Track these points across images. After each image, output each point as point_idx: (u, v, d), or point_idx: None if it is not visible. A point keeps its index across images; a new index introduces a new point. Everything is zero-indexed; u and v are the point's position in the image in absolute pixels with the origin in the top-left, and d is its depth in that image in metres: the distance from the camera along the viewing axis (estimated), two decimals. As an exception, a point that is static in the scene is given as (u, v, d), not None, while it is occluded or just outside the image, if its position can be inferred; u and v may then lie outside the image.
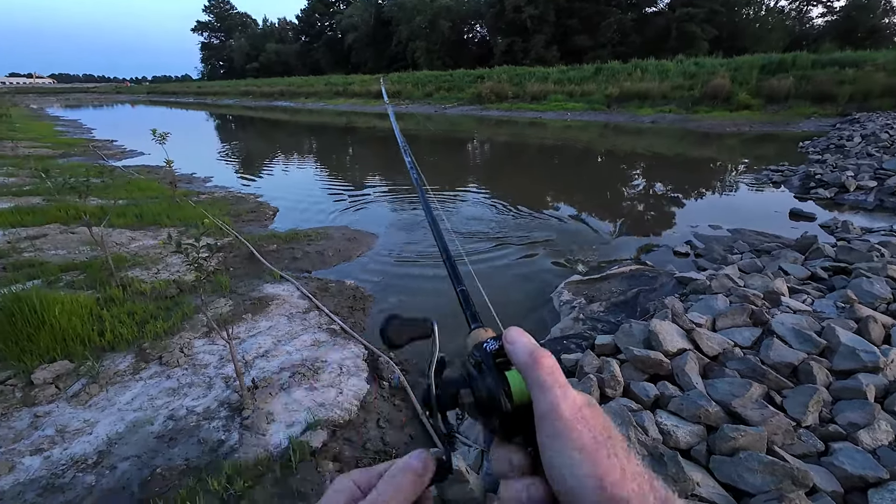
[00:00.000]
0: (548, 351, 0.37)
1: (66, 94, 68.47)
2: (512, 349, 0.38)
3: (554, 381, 0.35)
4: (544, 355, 0.36)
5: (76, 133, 17.17)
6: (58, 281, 3.75)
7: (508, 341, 0.39)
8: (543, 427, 0.34)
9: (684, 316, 2.58)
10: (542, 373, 0.35)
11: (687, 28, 33.03)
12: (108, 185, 7.24)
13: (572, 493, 0.31)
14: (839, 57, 18.73)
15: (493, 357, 0.39)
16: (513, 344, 0.38)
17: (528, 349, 0.37)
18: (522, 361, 0.37)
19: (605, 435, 0.33)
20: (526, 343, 0.38)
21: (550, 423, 0.33)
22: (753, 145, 12.64)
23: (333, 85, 38.04)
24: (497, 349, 0.40)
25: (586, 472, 0.31)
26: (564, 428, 0.32)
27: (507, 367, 0.38)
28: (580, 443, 0.32)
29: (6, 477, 1.92)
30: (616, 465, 0.31)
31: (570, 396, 0.34)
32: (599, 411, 0.35)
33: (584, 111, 21.52)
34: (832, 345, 2.24)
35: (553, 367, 0.36)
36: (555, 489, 0.33)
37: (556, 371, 0.36)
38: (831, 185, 6.83)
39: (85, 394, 2.42)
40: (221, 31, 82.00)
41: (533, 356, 0.36)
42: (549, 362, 0.36)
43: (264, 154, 12.89)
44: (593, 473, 0.31)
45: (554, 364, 0.36)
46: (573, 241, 5.11)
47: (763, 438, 1.63)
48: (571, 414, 0.33)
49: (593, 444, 0.32)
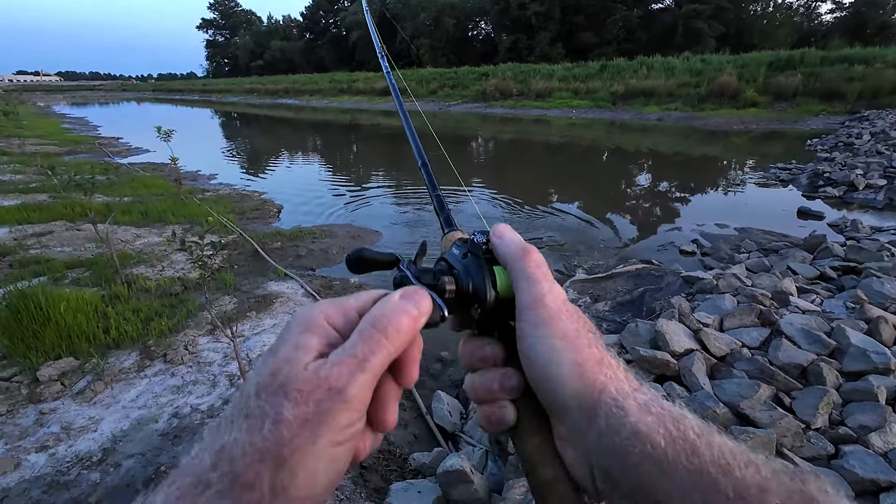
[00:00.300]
0: (535, 247, 0.37)
1: (73, 92, 68.90)
2: (500, 243, 0.37)
3: (542, 274, 0.35)
4: (534, 250, 0.36)
5: (82, 130, 17.27)
6: (63, 278, 3.77)
7: (497, 235, 0.38)
8: (528, 316, 0.33)
9: (691, 316, 2.56)
10: (530, 266, 0.35)
11: (693, 25, 32.74)
12: (114, 183, 7.27)
13: (551, 378, 0.32)
14: (848, 53, 18.50)
15: (481, 247, 0.38)
16: (501, 238, 0.38)
17: (519, 243, 0.37)
18: (511, 253, 0.36)
19: (586, 329, 0.34)
20: (515, 238, 0.38)
21: (535, 312, 0.33)
22: (760, 143, 12.53)
23: (338, 82, 38.03)
24: (485, 242, 0.38)
25: (567, 358, 0.31)
26: (549, 317, 0.33)
27: (494, 262, 0.38)
28: (563, 331, 0.32)
29: (12, 474, 1.92)
30: (594, 354, 0.32)
31: (556, 290, 0.35)
32: (578, 308, 0.36)
33: (589, 109, 21.40)
34: (842, 346, 2.21)
35: (541, 261, 0.36)
36: (531, 377, 0.33)
37: (544, 266, 0.36)
38: (840, 184, 6.75)
39: (90, 391, 2.43)
40: (226, 28, 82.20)
41: (523, 249, 0.36)
42: (538, 256, 0.36)
43: (269, 152, 12.91)
44: (574, 360, 0.31)
45: (542, 259, 0.36)
46: (578, 240, 5.08)
47: (772, 441, 1.61)
48: (556, 305, 0.33)
49: (575, 334, 0.32)
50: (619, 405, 0.29)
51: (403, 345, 0.30)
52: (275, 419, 0.25)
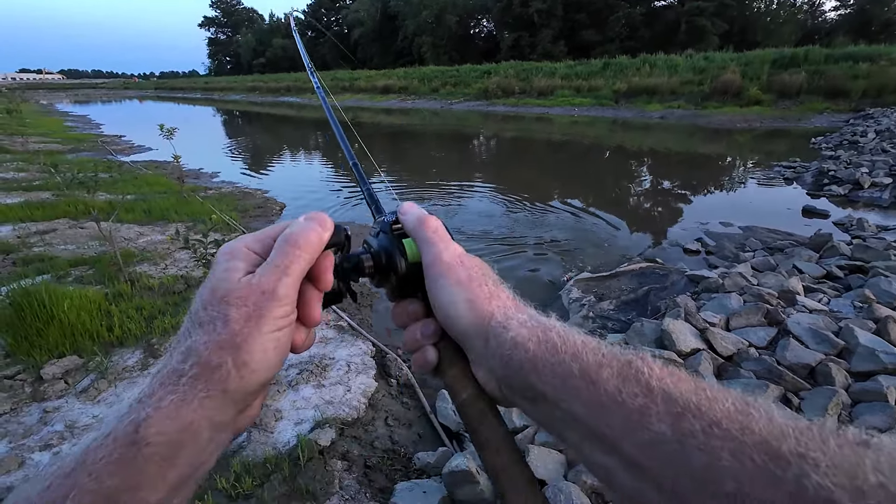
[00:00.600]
0: (434, 216, 0.43)
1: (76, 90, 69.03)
2: (404, 218, 0.44)
3: (438, 237, 0.41)
4: (430, 218, 0.43)
5: (85, 128, 17.29)
6: (67, 276, 3.76)
7: (402, 212, 0.45)
8: (430, 273, 0.40)
9: (697, 315, 2.54)
10: (427, 231, 0.42)
11: (697, 22, 32.61)
12: (117, 181, 7.28)
13: (451, 316, 0.38)
14: (853, 51, 18.39)
15: (390, 225, 0.45)
16: (405, 214, 0.44)
17: (417, 214, 0.43)
18: (412, 225, 0.43)
19: (480, 272, 0.40)
20: (416, 211, 0.44)
21: (435, 268, 0.39)
22: (764, 141, 12.47)
23: (339, 80, 38.02)
24: (394, 220, 0.45)
25: (461, 297, 0.38)
26: (445, 269, 0.39)
27: (405, 236, 0.44)
28: (457, 278, 0.39)
29: (16, 472, 1.92)
30: (485, 291, 0.38)
31: (451, 247, 0.41)
32: (477, 259, 0.42)
33: (591, 106, 21.33)
34: (850, 345, 2.19)
35: (437, 227, 0.42)
36: (440, 320, 0.40)
37: (441, 230, 0.42)
38: (845, 182, 6.71)
39: (94, 389, 2.42)
40: (228, 26, 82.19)
41: (420, 219, 0.43)
42: (434, 223, 0.42)
43: (271, 149, 12.91)
44: (466, 298, 0.37)
45: (438, 225, 0.43)
46: (581, 238, 5.06)
47: (782, 442, 1.59)
48: (451, 259, 0.40)
49: (467, 278, 0.39)
50: (503, 325, 0.35)
51: (314, 253, 0.37)
52: (224, 320, 0.33)
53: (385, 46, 48.78)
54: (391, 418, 2.32)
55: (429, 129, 17.24)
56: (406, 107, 27.15)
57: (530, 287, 3.93)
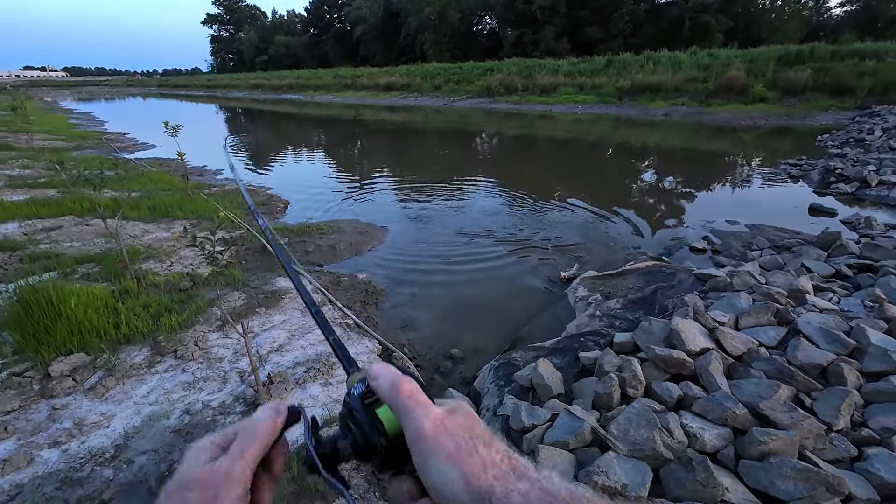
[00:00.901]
0: (408, 377, 0.40)
1: (79, 88, 69.09)
2: (376, 385, 0.40)
3: (414, 403, 0.38)
4: (403, 381, 0.39)
5: (89, 126, 17.32)
6: (73, 273, 3.77)
7: (372, 377, 0.41)
8: (416, 450, 0.36)
9: (706, 314, 2.52)
10: (403, 398, 0.38)
11: (701, 19, 32.37)
12: (122, 178, 7.28)
13: (448, 498, 0.35)
14: (859, 48, 18.22)
15: (361, 399, 0.41)
16: (376, 379, 0.41)
17: (390, 380, 0.40)
18: (386, 393, 0.39)
19: (467, 436, 0.36)
20: (387, 374, 0.40)
21: (420, 443, 0.36)
22: (769, 139, 12.40)
23: (342, 77, 37.94)
24: (365, 389, 0.41)
25: (454, 475, 0.34)
26: (430, 444, 0.36)
27: (379, 405, 0.40)
28: (445, 452, 0.35)
29: (25, 469, 1.92)
30: (477, 461, 0.35)
31: (431, 413, 0.37)
32: (462, 414, 0.38)
33: (594, 104, 21.23)
34: (862, 345, 2.17)
35: (412, 390, 0.39)
36: (436, 501, 0.36)
37: (416, 393, 0.39)
38: (852, 180, 6.66)
39: (101, 387, 2.43)
40: (231, 23, 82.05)
41: (394, 385, 0.39)
42: (408, 387, 0.39)
43: (274, 147, 12.90)
44: (459, 475, 0.34)
45: (413, 387, 0.39)
46: (586, 236, 5.04)
47: (795, 443, 1.58)
48: (433, 429, 0.36)
49: (456, 450, 0.35)
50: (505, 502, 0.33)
51: (269, 439, 0.40)
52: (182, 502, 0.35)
53: (387, 43, 48.62)
54: (399, 417, 2.31)
55: (431, 127, 17.19)
56: (409, 104, 27.09)
57: (534, 286, 3.91)
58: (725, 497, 1.48)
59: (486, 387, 2.51)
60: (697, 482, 1.49)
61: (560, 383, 2.29)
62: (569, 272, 3.96)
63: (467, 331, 3.23)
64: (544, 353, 2.68)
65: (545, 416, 2.00)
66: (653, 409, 1.88)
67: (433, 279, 4.09)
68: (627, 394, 2.06)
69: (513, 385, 2.40)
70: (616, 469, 1.60)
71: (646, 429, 1.72)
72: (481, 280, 4.06)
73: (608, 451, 1.71)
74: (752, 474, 1.55)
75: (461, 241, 4.98)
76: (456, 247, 4.83)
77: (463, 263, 4.42)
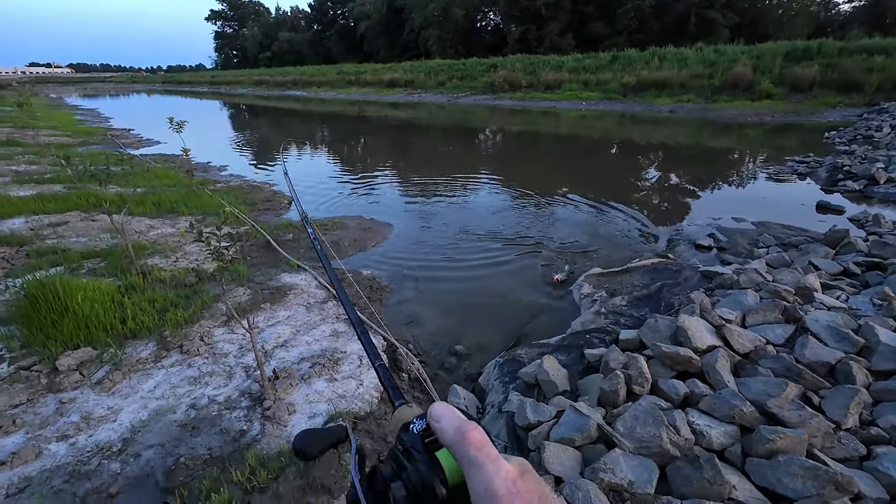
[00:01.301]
0: (475, 423, 0.36)
1: (84, 84, 69.33)
2: (438, 427, 0.37)
3: (485, 456, 0.34)
4: (472, 429, 0.35)
5: (95, 122, 17.38)
6: (80, 268, 3.79)
7: (434, 419, 0.37)
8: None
9: (713, 311, 2.50)
10: (471, 449, 0.34)
11: (707, 14, 32.07)
12: (127, 174, 7.30)
13: None
14: (867, 44, 18.01)
15: (421, 439, 0.37)
16: (438, 421, 0.37)
17: (455, 425, 0.36)
18: (450, 439, 0.35)
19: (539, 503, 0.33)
20: (452, 418, 0.37)
21: (486, 502, 0.32)
22: (776, 136, 12.30)
23: (345, 74, 37.89)
24: (424, 429, 0.38)
25: None
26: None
27: (438, 447, 0.37)
28: None
29: (33, 462, 1.94)
30: None
31: (503, 471, 0.33)
32: (533, 478, 0.35)
33: (599, 100, 21.13)
34: (871, 344, 2.15)
35: (482, 441, 0.35)
36: None
37: (486, 445, 0.35)
38: (860, 177, 6.60)
39: (108, 381, 2.44)
40: (235, 19, 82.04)
41: (461, 432, 0.35)
42: (477, 436, 0.35)
43: (278, 143, 12.90)
44: None
45: (483, 438, 0.35)
46: (591, 233, 5.03)
47: (804, 441, 1.57)
48: (506, 489, 0.32)
49: None
50: None
51: None
52: None
53: (391, 40, 48.46)
54: (404, 413, 2.31)
55: (435, 124, 17.15)
56: (412, 100, 27.03)
57: (538, 283, 3.90)
58: (733, 495, 1.47)
59: (491, 383, 2.50)
60: (704, 480, 1.48)
61: (565, 380, 2.28)
62: (560, 275, 3.86)
63: (472, 327, 3.23)
64: (549, 350, 2.67)
65: (551, 412, 1.99)
66: (659, 406, 1.87)
67: (437, 275, 4.08)
68: (633, 391, 2.05)
69: (518, 382, 2.40)
70: (622, 466, 1.60)
71: (652, 426, 1.71)
72: (486, 276, 4.05)
73: (614, 448, 1.70)
74: (760, 472, 1.54)
75: (465, 238, 4.97)
76: (460, 243, 4.83)
77: (467, 260, 4.41)
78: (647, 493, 1.52)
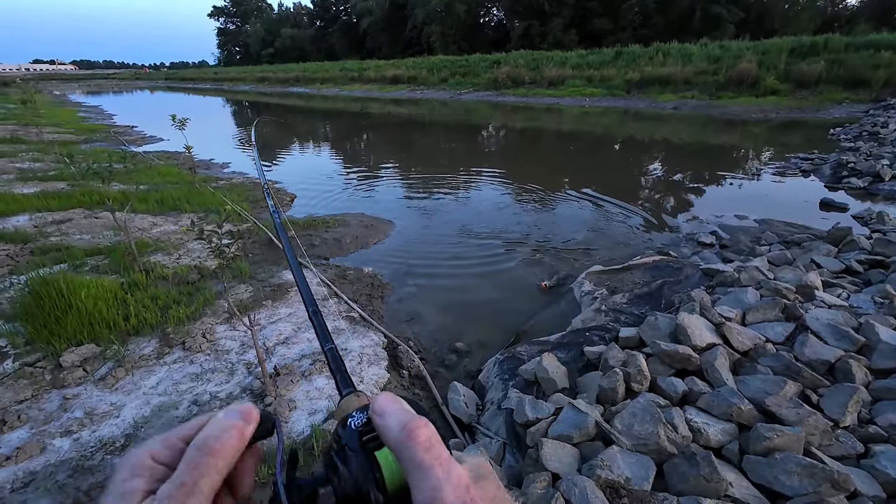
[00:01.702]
0: (424, 419, 0.31)
1: (88, 81, 69.53)
2: (381, 423, 0.32)
3: (433, 458, 0.29)
4: (419, 424, 0.30)
5: (98, 119, 17.44)
6: (83, 265, 3.82)
7: (376, 412, 0.32)
8: None
9: (713, 309, 2.50)
10: (418, 450, 0.29)
11: (712, 10, 31.83)
12: (130, 171, 7.33)
13: None
14: (874, 39, 17.82)
15: (359, 436, 0.33)
16: (381, 416, 0.32)
17: (401, 420, 0.31)
18: (394, 437, 0.30)
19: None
20: (397, 412, 0.32)
21: None
22: (780, 132, 12.21)
23: (348, 70, 37.81)
24: (364, 423, 0.33)
25: None
26: None
27: (378, 446, 0.32)
28: None
29: (38, 457, 1.96)
30: None
31: (454, 476, 0.28)
32: (492, 484, 0.30)
33: (602, 97, 21.02)
34: (871, 342, 2.15)
35: (430, 439, 0.30)
36: None
37: (435, 444, 0.30)
38: (865, 174, 6.56)
39: (111, 377, 2.46)
40: (237, 16, 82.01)
41: (406, 429, 0.30)
42: (425, 434, 0.30)
43: (281, 140, 12.92)
44: None
45: (432, 435, 0.30)
46: (592, 230, 5.02)
47: (801, 439, 1.57)
48: (456, 498, 0.27)
49: None
50: None
51: (233, 457, 0.29)
52: None
53: (394, 36, 48.33)
54: (403, 409, 2.32)
55: (437, 120, 17.12)
56: (415, 97, 26.98)
57: (538, 281, 3.90)
58: (729, 492, 1.48)
59: (491, 380, 2.51)
60: (701, 477, 1.49)
61: (565, 377, 2.29)
62: (549, 281, 3.78)
63: (472, 325, 3.24)
64: (549, 348, 2.68)
65: (549, 410, 2.00)
66: (657, 404, 1.87)
67: (438, 273, 4.09)
68: (632, 388, 2.06)
69: (517, 379, 2.41)
70: (619, 463, 1.61)
71: (650, 423, 1.72)
72: (486, 274, 4.06)
73: (612, 445, 1.71)
74: (757, 470, 1.54)
75: (466, 235, 4.97)
76: (461, 240, 4.83)
77: (468, 257, 4.42)
78: (644, 490, 1.53)
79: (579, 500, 1.46)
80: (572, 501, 1.47)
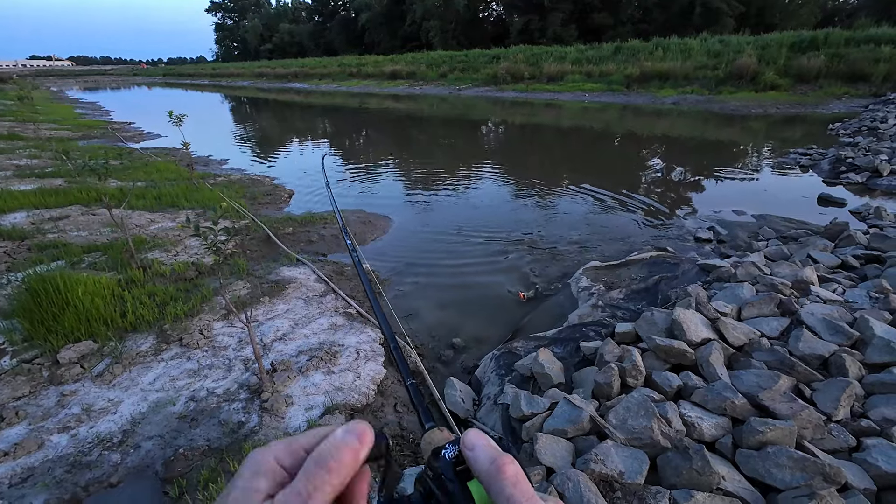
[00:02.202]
0: (510, 456, 0.34)
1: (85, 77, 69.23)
2: (472, 456, 0.34)
3: (521, 493, 0.31)
4: (507, 462, 0.33)
5: (95, 115, 17.38)
6: (80, 262, 3.82)
7: (467, 447, 0.35)
8: None
9: (709, 305, 2.51)
10: (506, 484, 0.32)
11: (712, 4, 31.68)
12: (128, 167, 7.32)
13: None
14: (875, 34, 17.76)
15: (453, 466, 0.35)
16: (472, 450, 0.35)
17: (490, 456, 0.34)
18: (484, 470, 0.33)
19: None
20: (486, 448, 0.35)
21: None
22: (780, 127, 12.19)
23: (347, 66, 37.66)
24: (457, 455, 0.36)
25: None
26: None
27: (469, 477, 0.35)
28: None
29: (36, 453, 1.97)
30: None
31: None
32: None
33: (602, 92, 20.96)
34: (865, 337, 2.15)
35: (517, 475, 0.33)
36: None
37: (522, 481, 0.32)
38: (863, 170, 6.56)
39: (109, 374, 2.47)
40: (235, 11, 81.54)
41: (495, 464, 0.33)
42: (512, 470, 0.33)
43: (279, 136, 12.89)
44: None
45: (518, 472, 0.33)
46: (590, 225, 5.02)
47: (793, 433, 1.58)
48: None
49: None
50: None
51: (347, 475, 0.31)
52: None
53: (392, 31, 48.10)
54: (400, 405, 2.34)
55: (436, 116, 17.07)
56: (414, 93, 26.89)
57: (536, 277, 3.91)
58: (721, 485, 1.49)
59: (488, 376, 2.52)
60: (694, 470, 1.50)
61: (560, 373, 2.30)
62: (528, 293, 3.59)
63: (469, 320, 3.24)
64: (545, 343, 2.69)
65: (545, 404, 2.01)
66: (652, 398, 1.88)
67: (436, 269, 4.09)
68: (627, 383, 2.07)
69: (514, 374, 2.42)
70: (613, 457, 1.62)
71: (644, 418, 1.73)
72: (484, 270, 4.06)
73: (606, 439, 1.72)
74: (749, 463, 1.55)
75: (464, 231, 4.97)
76: (459, 236, 4.83)
77: (466, 253, 4.42)
78: (637, 483, 1.54)
79: (573, 493, 1.47)
80: (566, 495, 1.48)
